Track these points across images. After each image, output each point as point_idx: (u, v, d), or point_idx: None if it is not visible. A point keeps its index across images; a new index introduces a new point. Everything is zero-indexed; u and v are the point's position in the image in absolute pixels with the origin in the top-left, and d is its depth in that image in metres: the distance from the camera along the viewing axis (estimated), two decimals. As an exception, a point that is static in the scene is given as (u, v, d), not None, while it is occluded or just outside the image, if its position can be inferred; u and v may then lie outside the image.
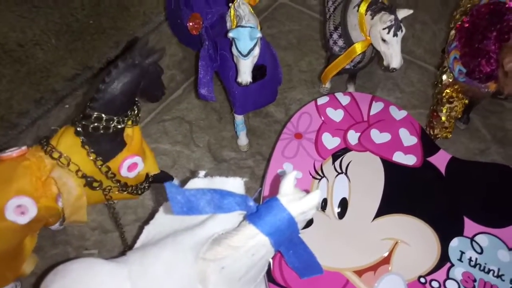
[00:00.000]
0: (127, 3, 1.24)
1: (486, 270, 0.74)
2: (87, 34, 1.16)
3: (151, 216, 0.79)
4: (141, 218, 0.90)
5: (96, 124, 0.67)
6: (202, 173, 0.63)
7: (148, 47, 0.69)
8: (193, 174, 0.63)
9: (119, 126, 0.69)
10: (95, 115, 0.67)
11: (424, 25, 1.28)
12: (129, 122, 0.72)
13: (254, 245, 0.54)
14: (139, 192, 0.79)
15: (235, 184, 0.61)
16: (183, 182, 0.63)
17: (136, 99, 0.73)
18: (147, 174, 0.79)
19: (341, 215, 0.78)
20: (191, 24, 0.94)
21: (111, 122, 0.68)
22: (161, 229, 0.65)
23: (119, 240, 0.86)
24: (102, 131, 0.68)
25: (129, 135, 0.73)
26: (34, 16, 1.15)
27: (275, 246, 0.55)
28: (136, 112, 0.73)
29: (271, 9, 1.30)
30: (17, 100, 1.03)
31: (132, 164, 0.73)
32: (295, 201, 0.54)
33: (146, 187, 0.81)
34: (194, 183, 0.62)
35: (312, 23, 1.26)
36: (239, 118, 0.97)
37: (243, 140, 0.99)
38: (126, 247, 0.82)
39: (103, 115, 0.67)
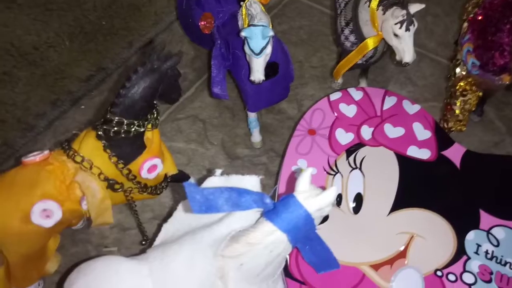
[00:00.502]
0: (138, 3, 1.25)
1: (503, 262, 0.74)
2: (100, 35, 1.17)
3: (169, 214, 0.81)
4: (158, 216, 0.91)
5: (117, 128, 0.69)
6: (218, 171, 0.64)
7: (166, 51, 0.69)
8: (210, 173, 0.64)
9: (140, 130, 0.71)
10: (116, 120, 0.68)
11: (436, 18, 1.27)
12: (149, 126, 0.73)
13: (272, 241, 0.55)
14: (158, 192, 0.80)
15: (251, 182, 0.62)
16: (200, 181, 0.64)
17: (155, 102, 0.74)
18: (165, 174, 0.80)
19: (356, 210, 0.79)
20: (202, 23, 0.94)
21: (132, 126, 0.69)
22: (179, 226, 0.66)
23: (137, 237, 0.88)
24: (123, 135, 0.69)
25: (149, 138, 0.74)
26: (47, 19, 1.17)
27: (292, 242, 0.56)
28: (155, 115, 0.74)
29: (281, 6, 1.30)
30: (34, 102, 1.05)
31: (152, 166, 0.74)
32: (311, 198, 0.54)
33: (165, 187, 0.82)
34: (211, 182, 0.63)
35: (322, 18, 1.26)
36: (252, 116, 0.98)
37: (256, 137, 1.00)
38: (147, 240, 0.84)
39: (124, 119, 0.69)
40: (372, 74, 1.12)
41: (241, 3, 0.86)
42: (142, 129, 0.71)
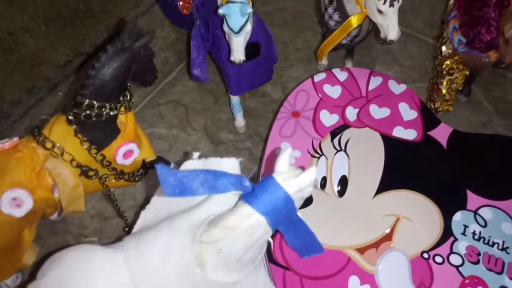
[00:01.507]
0: (117, -15, 1.21)
1: (491, 243, 0.73)
2: (77, 19, 1.13)
3: (147, 200, 0.78)
4: (139, 204, 0.89)
5: (88, 111, 0.65)
6: (196, 154, 0.61)
7: (137, 30, 0.66)
8: (187, 156, 0.62)
9: (112, 113, 0.67)
10: (86, 103, 0.65)
11: (422, -3, 1.25)
12: (122, 109, 0.70)
13: (251, 225, 0.53)
14: (136, 179, 0.77)
15: (230, 164, 0.60)
16: (179, 164, 0.61)
17: (128, 84, 0.71)
18: (143, 161, 0.77)
19: (341, 193, 0.77)
20: (181, 3, 0.91)
21: (104, 109, 0.66)
22: (157, 213, 0.64)
23: (118, 227, 0.85)
24: (94, 119, 0.66)
25: (122, 122, 0.71)
26: (22, 4, 1.13)
27: (272, 225, 0.54)
28: (128, 98, 0.71)
29: (265, -13, 1.26)
30: (9, 90, 1.02)
31: (128, 151, 0.72)
32: (291, 178, 0.52)
33: (144, 174, 0.79)
34: (189, 165, 0.60)
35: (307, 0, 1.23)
36: (235, 99, 0.95)
37: (240, 121, 0.98)
38: (130, 226, 0.81)
39: (94, 102, 0.65)
40: (358, 55, 1.10)
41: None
42: (115, 112, 0.68)
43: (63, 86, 1.05)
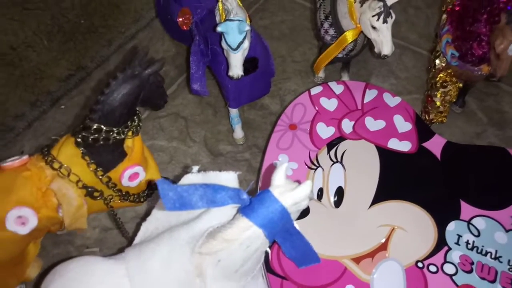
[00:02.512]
0: (118, 0, 1.24)
1: (484, 252, 0.75)
2: (79, 33, 1.16)
3: (148, 212, 0.80)
4: (140, 215, 0.90)
5: (95, 135, 0.67)
6: (195, 168, 0.63)
7: (148, 57, 0.68)
8: (187, 169, 0.64)
9: (119, 137, 0.69)
10: (94, 127, 0.67)
11: (417, 10, 1.28)
12: (130, 133, 0.71)
13: (248, 237, 0.55)
14: (141, 200, 0.79)
15: (228, 178, 0.62)
16: (179, 177, 0.63)
17: (137, 109, 0.73)
18: (149, 182, 0.79)
19: (338, 204, 0.79)
20: (181, 19, 0.94)
21: (111, 134, 0.68)
22: (158, 225, 0.66)
23: (119, 237, 0.87)
24: (102, 142, 0.68)
25: (129, 146, 0.73)
26: (25, 18, 1.15)
27: (269, 237, 0.55)
28: (136, 122, 0.72)
29: (263, 0, 1.29)
30: (13, 103, 1.03)
31: (133, 173, 0.73)
32: (287, 192, 0.54)
33: (149, 195, 0.81)
34: (188, 179, 0.62)
35: (304, 13, 1.26)
36: (233, 112, 0.97)
37: (238, 133, 1.00)
38: (130, 240, 0.83)
39: (102, 126, 0.67)
40: (354, 68, 1.12)
41: (218, -3, 0.85)
42: (122, 137, 0.69)
43: (66, 100, 1.07)
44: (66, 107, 1.06)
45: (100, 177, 0.71)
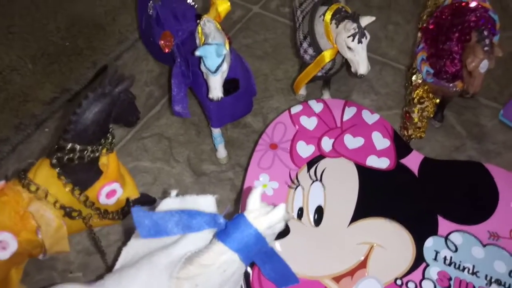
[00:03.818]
0: (102, 22, 1.26)
1: (461, 268, 0.76)
2: (64, 56, 1.17)
3: (128, 235, 0.81)
4: (123, 237, 0.91)
5: (70, 155, 0.69)
6: (173, 192, 0.64)
7: (117, 75, 0.70)
8: (166, 194, 0.65)
9: (94, 155, 0.71)
10: (68, 147, 0.68)
11: (397, 26, 1.30)
12: (104, 151, 0.73)
13: (225, 261, 0.55)
14: (121, 217, 0.80)
15: (206, 201, 0.63)
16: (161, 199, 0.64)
17: (110, 126, 0.74)
18: (127, 199, 0.80)
19: (317, 222, 0.80)
20: (162, 42, 0.95)
21: (85, 152, 0.69)
22: (138, 249, 0.66)
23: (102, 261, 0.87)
24: (77, 162, 0.69)
25: (104, 163, 0.74)
26: (10, 42, 1.17)
27: (245, 261, 0.56)
28: (110, 140, 0.74)
29: (246, 19, 1.31)
30: (-3, 127, 1.05)
31: (111, 191, 0.74)
32: (261, 216, 0.55)
33: (128, 212, 0.82)
34: (166, 203, 0.63)
35: (286, 31, 1.28)
36: (216, 131, 0.98)
37: (221, 152, 1.01)
38: (111, 266, 0.83)
39: (76, 145, 0.68)
40: (336, 84, 1.14)
41: (198, 21, 0.87)
42: (96, 154, 0.71)
43: (50, 122, 1.08)
44: (50, 129, 1.07)
45: (78, 196, 0.72)
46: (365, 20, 0.83)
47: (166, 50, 0.96)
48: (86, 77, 1.15)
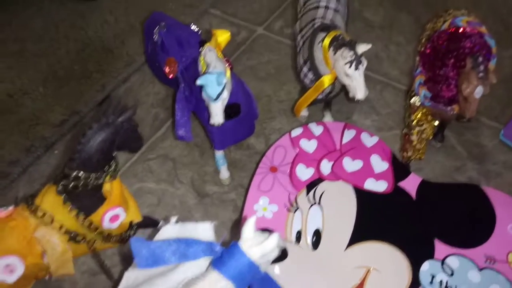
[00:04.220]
0: (111, 45, 1.30)
1: (457, 291, 0.77)
2: (73, 79, 1.21)
3: (126, 261, 0.84)
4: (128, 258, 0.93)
5: (75, 182, 0.72)
6: (173, 219, 0.67)
7: (120, 105, 0.73)
8: (166, 221, 0.67)
9: (98, 182, 0.74)
10: (73, 174, 0.72)
11: (398, 46, 1.32)
12: (107, 178, 0.76)
13: (219, 289, 0.58)
14: (124, 240, 0.83)
15: (204, 228, 0.65)
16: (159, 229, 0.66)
17: (114, 153, 0.77)
18: (130, 222, 0.83)
19: (315, 246, 0.82)
20: (167, 68, 0.98)
21: (89, 179, 0.73)
22: (138, 274, 0.68)
23: (107, 282, 0.90)
24: (81, 188, 0.73)
25: (107, 190, 0.77)
26: (21, 67, 1.21)
27: (239, 288, 0.58)
28: (114, 167, 0.77)
29: (250, 41, 1.35)
30: (8, 150, 1.08)
31: (114, 215, 0.77)
32: (254, 246, 0.57)
33: (132, 234, 0.84)
34: (166, 230, 0.66)
35: (290, 52, 1.30)
36: (219, 153, 1.01)
37: (224, 174, 1.03)
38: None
39: (80, 173, 0.72)
40: (337, 105, 1.16)
41: (200, 48, 0.90)
42: (100, 181, 0.74)
43: (59, 144, 1.12)
44: (59, 151, 1.10)
45: (82, 221, 0.75)
46: (362, 48, 0.85)
47: (171, 76, 0.99)
48: (95, 100, 1.19)
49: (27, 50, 1.25)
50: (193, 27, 1.04)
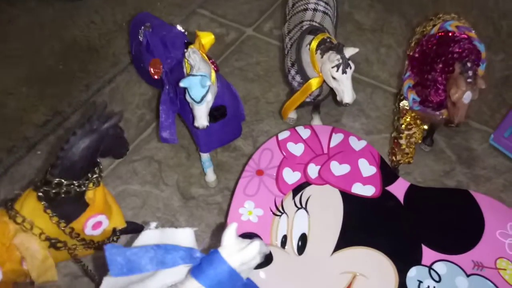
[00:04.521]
0: (96, 45, 1.28)
1: (444, 298, 0.76)
2: (57, 79, 1.19)
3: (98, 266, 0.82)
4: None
5: (57, 189, 0.70)
6: (153, 224, 0.65)
7: (106, 112, 0.71)
8: (146, 225, 0.65)
9: (80, 190, 0.72)
10: (55, 181, 0.69)
11: (389, 49, 1.31)
12: (91, 185, 0.73)
13: (198, 297, 0.56)
14: None
15: (184, 234, 0.63)
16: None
17: (99, 160, 0.75)
18: (114, 229, 0.80)
19: (301, 250, 0.80)
20: (152, 69, 0.97)
21: (72, 187, 0.70)
22: (118, 280, 0.67)
23: (89, 285, 0.88)
24: (63, 195, 0.70)
25: (90, 197, 0.75)
26: (5, 66, 1.19)
27: (218, 297, 0.57)
28: (97, 174, 0.74)
29: (239, 42, 1.33)
30: (-10, 151, 1.06)
31: (96, 222, 0.75)
32: (235, 253, 0.56)
33: (115, 240, 0.82)
34: (146, 235, 0.64)
35: (279, 54, 1.29)
36: (205, 156, 0.99)
37: (210, 176, 1.02)
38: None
39: (63, 180, 0.69)
40: (326, 108, 1.15)
41: (185, 50, 0.88)
42: (83, 189, 0.72)
43: (42, 145, 1.09)
44: (42, 152, 1.08)
45: (63, 228, 0.73)
46: (349, 51, 0.84)
47: (155, 77, 0.97)
48: (78, 100, 1.17)
49: (10, 49, 1.22)
50: (179, 28, 1.02)
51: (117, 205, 0.82)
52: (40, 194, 0.70)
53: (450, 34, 0.89)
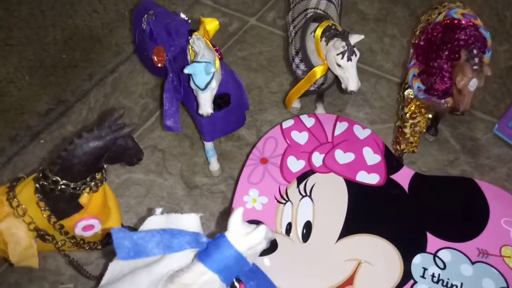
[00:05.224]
0: (99, 34, 1.27)
1: (449, 285, 0.76)
2: (60, 68, 1.18)
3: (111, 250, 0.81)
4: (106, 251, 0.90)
5: (52, 186, 0.69)
6: (158, 210, 0.65)
7: (119, 122, 0.69)
8: (151, 211, 0.65)
9: (75, 192, 0.71)
10: (52, 179, 0.69)
11: (393, 39, 1.31)
12: (87, 190, 0.72)
13: (205, 282, 0.56)
14: (98, 247, 0.80)
15: (190, 220, 0.63)
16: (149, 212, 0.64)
17: (104, 166, 0.74)
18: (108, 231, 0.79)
19: (305, 238, 0.80)
20: (155, 58, 0.96)
21: (67, 187, 0.70)
22: (123, 266, 0.67)
23: (94, 273, 0.88)
24: (58, 193, 0.70)
25: (83, 202, 0.73)
26: (7, 54, 1.18)
27: (225, 281, 0.57)
28: (97, 179, 0.73)
29: (242, 32, 1.32)
30: (-8, 139, 1.06)
31: (88, 225, 0.74)
32: (241, 237, 0.56)
33: (110, 242, 0.81)
34: (151, 221, 0.64)
35: (282, 44, 1.29)
36: (208, 145, 0.99)
37: (214, 165, 1.01)
38: (98, 280, 0.84)
39: (59, 179, 0.69)
40: (330, 97, 1.15)
41: (189, 37, 0.88)
42: (78, 192, 0.71)
43: (45, 134, 1.09)
44: (45, 141, 1.08)
45: (53, 223, 0.73)
46: (355, 38, 0.83)
47: (159, 65, 0.97)
48: (82, 89, 1.16)
49: (12, 37, 1.21)
50: (182, 15, 1.01)
51: (117, 209, 0.80)
52: (37, 186, 0.70)
53: (455, 22, 0.88)
